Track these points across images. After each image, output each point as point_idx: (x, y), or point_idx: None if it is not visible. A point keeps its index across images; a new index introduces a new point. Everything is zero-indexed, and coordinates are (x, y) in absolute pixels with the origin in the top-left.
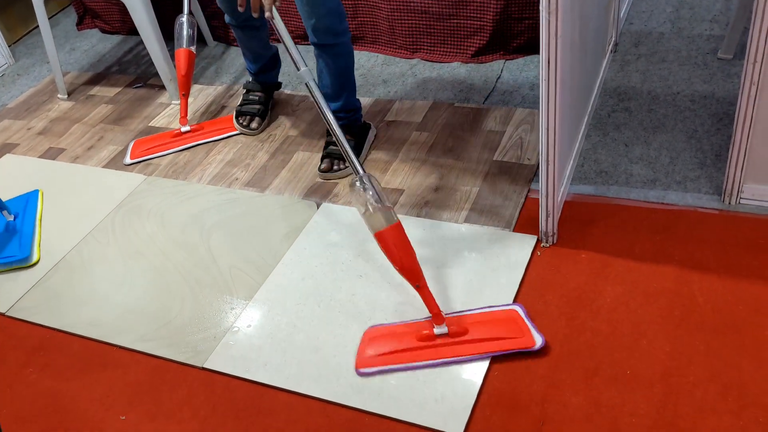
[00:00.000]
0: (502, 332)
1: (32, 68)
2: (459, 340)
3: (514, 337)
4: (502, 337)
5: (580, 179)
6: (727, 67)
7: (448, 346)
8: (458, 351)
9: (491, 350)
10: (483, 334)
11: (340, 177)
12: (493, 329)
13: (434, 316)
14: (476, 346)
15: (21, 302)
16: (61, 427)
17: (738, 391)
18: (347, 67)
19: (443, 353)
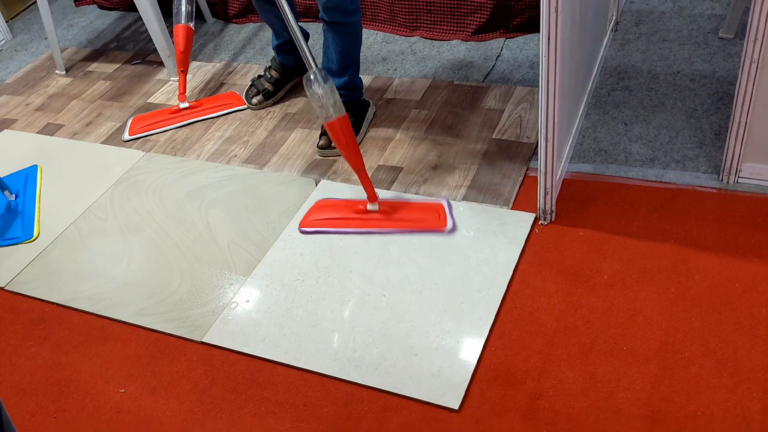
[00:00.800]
0: (422, 216)
1: (30, 44)
2: (385, 217)
3: (431, 220)
4: (421, 220)
5: (579, 157)
6: (728, 47)
7: (375, 221)
8: (382, 224)
9: (408, 227)
10: (406, 216)
11: (339, 154)
12: (416, 214)
13: (369, 196)
14: (397, 222)
15: (20, 276)
16: (60, 399)
17: (733, 366)
18: (354, 46)
19: (370, 224)
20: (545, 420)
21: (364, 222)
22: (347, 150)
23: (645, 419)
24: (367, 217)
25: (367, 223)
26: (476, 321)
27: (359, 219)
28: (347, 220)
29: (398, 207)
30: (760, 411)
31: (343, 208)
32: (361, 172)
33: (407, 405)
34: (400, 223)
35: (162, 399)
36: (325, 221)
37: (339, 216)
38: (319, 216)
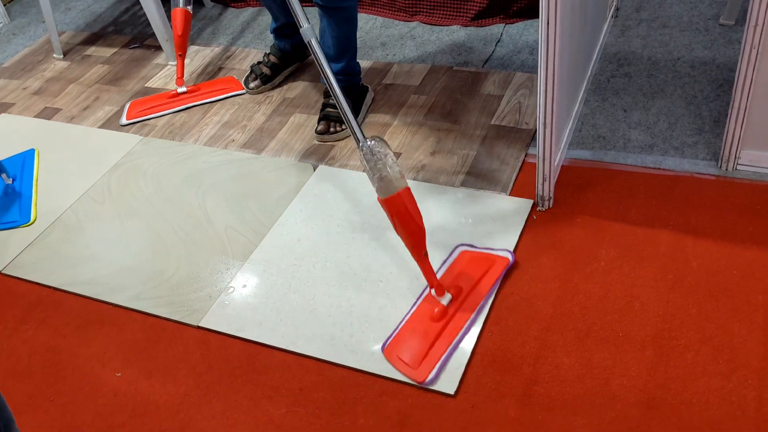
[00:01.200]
0: (481, 269)
1: (27, 27)
2: (462, 297)
3: (490, 267)
4: (485, 273)
5: (577, 144)
6: (729, 33)
7: (460, 309)
8: (470, 307)
9: (489, 288)
10: (472, 280)
11: (337, 139)
12: (473, 271)
13: (436, 289)
14: (477, 293)
15: (17, 260)
16: (57, 382)
17: (729, 353)
18: (351, 31)
19: (463, 318)
20: (541, 405)
21: (457, 321)
22: (411, 228)
23: (640, 405)
24: (451, 313)
25: (460, 319)
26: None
27: (450, 322)
28: (443, 335)
29: (454, 278)
30: (755, 398)
31: (423, 325)
32: (425, 259)
33: (403, 390)
34: (481, 290)
35: (159, 383)
36: (429, 353)
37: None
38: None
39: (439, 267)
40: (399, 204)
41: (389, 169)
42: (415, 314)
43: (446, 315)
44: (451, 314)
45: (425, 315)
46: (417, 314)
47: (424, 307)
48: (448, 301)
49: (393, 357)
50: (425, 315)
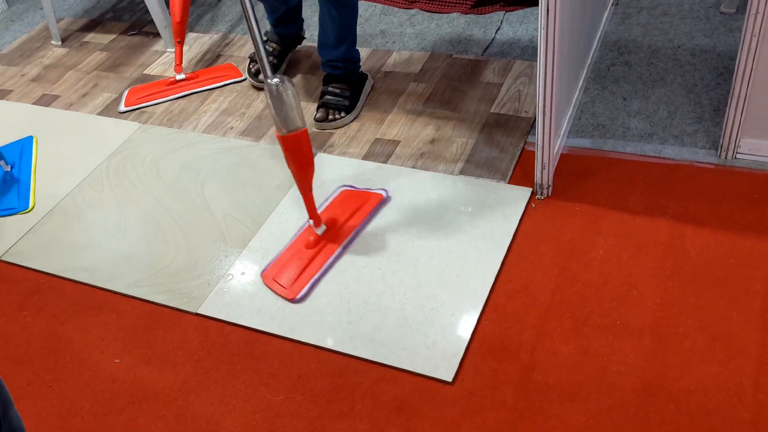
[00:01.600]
0: (356, 205)
1: (25, 14)
2: (336, 228)
3: (365, 202)
4: (359, 207)
5: (577, 132)
6: (730, 22)
7: (333, 238)
8: (342, 236)
9: (361, 220)
10: (346, 213)
11: (336, 127)
12: (350, 206)
13: (314, 220)
14: (350, 224)
15: (16, 247)
16: (56, 369)
17: (726, 341)
18: (351, 18)
19: (334, 246)
20: (538, 393)
21: (329, 248)
22: (302, 165)
23: (638, 393)
24: (324, 242)
25: (332, 247)
26: (471, 294)
27: (323, 249)
28: (316, 259)
29: (332, 213)
30: (752, 385)
31: (298, 253)
32: (308, 194)
33: (401, 377)
34: (353, 222)
35: (157, 369)
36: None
37: (305, 261)
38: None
39: (322, 203)
40: (295, 143)
41: (291, 111)
42: (293, 244)
43: (320, 243)
44: (325, 243)
45: (302, 244)
46: (295, 244)
47: (302, 237)
48: (322, 231)
49: (269, 280)
50: (302, 244)
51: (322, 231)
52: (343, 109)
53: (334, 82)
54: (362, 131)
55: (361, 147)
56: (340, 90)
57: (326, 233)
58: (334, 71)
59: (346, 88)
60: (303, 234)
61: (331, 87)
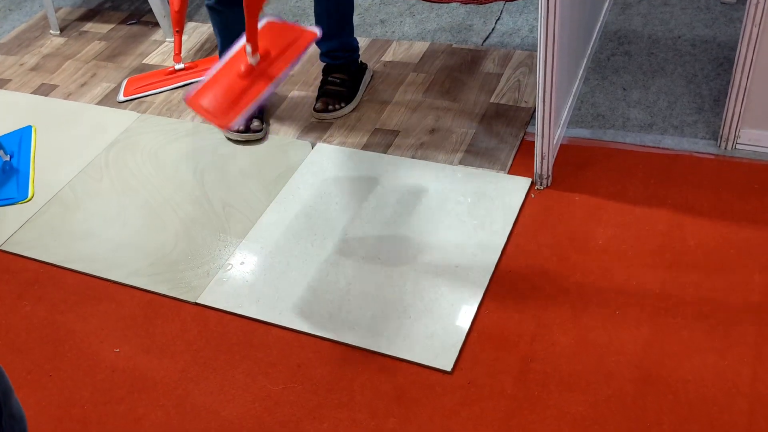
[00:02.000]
0: (289, 39)
1: (24, 3)
2: (269, 61)
3: (298, 38)
4: (292, 43)
5: (576, 122)
6: (730, 12)
7: (266, 71)
8: (275, 71)
9: (295, 57)
10: (279, 47)
11: (335, 117)
12: (283, 40)
13: (252, 45)
14: (284, 59)
15: (15, 237)
16: (55, 358)
17: (724, 331)
18: (346, 6)
19: (267, 79)
20: (537, 382)
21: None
22: None
23: (636, 382)
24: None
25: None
26: (470, 284)
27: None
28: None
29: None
30: (749, 375)
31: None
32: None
33: (400, 366)
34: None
35: (156, 359)
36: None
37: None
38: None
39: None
40: None
41: None
42: (222, 69)
43: (252, 73)
44: (257, 74)
45: (232, 71)
46: (224, 69)
47: (232, 64)
48: (256, 61)
49: (196, 105)
50: (232, 71)
51: (256, 60)
52: (343, 99)
53: (334, 72)
54: (362, 121)
55: (361, 137)
56: (339, 80)
57: (258, 64)
58: (333, 61)
59: (346, 78)
60: (232, 61)
61: (331, 77)
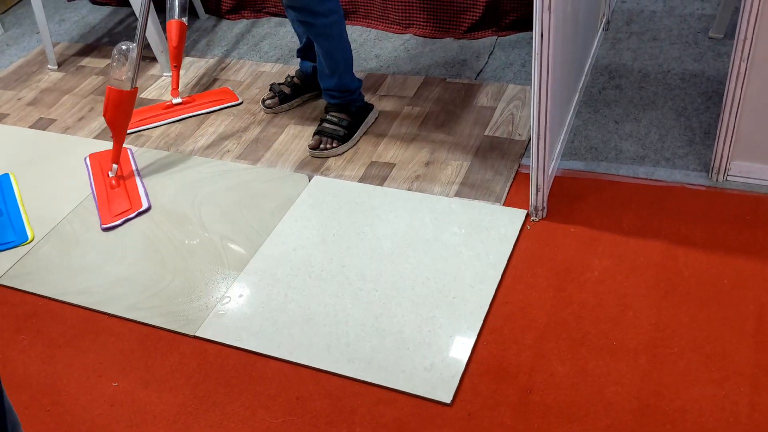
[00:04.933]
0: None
1: (22, 38)
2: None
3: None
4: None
5: (570, 155)
6: (718, 47)
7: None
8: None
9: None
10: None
11: (327, 156)
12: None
13: (118, 163)
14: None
15: (13, 270)
16: (53, 392)
17: (721, 361)
18: (334, 48)
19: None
20: (536, 414)
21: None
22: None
23: (634, 413)
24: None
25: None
26: (468, 316)
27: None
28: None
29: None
30: (747, 405)
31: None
32: (116, 144)
33: (399, 399)
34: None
35: (155, 393)
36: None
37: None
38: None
39: None
40: (113, 96)
41: (124, 73)
42: (98, 190)
43: (119, 181)
44: (121, 180)
45: (105, 187)
46: (99, 189)
47: (98, 182)
48: (115, 171)
49: (115, 218)
50: (105, 187)
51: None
52: (337, 138)
53: (333, 111)
54: (358, 154)
55: (357, 169)
56: (337, 119)
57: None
58: (331, 100)
59: (345, 117)
60: (97, 181)
61: (330, 115)
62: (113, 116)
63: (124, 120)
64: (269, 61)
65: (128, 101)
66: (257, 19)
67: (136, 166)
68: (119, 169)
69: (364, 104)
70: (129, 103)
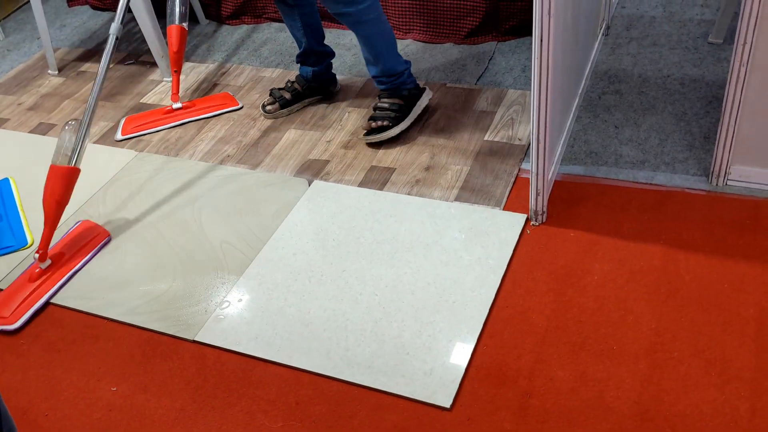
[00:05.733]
0: (84, 240)
1: (22, 44)
2: (63, 262)
3: (94, 237)
4: (89, 242)
5: (570, 159)
6: (717, 52)
7: (57, 271)
8: (65, 270)
9: (82, 259)
10: (75, 248)
11: (381, 139)
12: (81, 240)
13: (40, 255)
14: (75, 258)
15: (12, 275)
16: (52, 397)
17: (721, 366)
18: (376, 34)
19: (56, 279)
20: (536, 418)
21: (49, 283)
22: (50, 200)
23: (635, 418)
24: (48, 276)
25: (50, 282)
26: (468, 320)
27: (42, 284)
28: (34, 292)
29: (62, 247)
30: (747, 409)
31: (24, 285)
32: (46, 228)
33: (399, 403)
34: (76, 260)
35: (154, 397)
36: (17, 308)
37: (24, 296)
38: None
39: (62, 236)
40: (52, 175)
41: (63, 149)
42: (18, 279)
43: (43, 275)
44: (49, 275)
45: (26, 277)
46: (20, 279)
47: (28, 270)
48: (47, 265)
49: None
50: (26, 277)
51: (47, 265)
52: (389, 120)
53: (384, 97)
54: (358, 158)
55: (357, 174)
56: (388, 104)
57: (50, 267)
58: (380, 86)
59: (396, 101)
60: (30, 269)
61: (381, 101)
62: (49, 195)
63: (60, 201)
64: (269, 67)
65: (65, 179)
66: (257, 24)
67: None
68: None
69: (416, 87)
70: (65, 181)
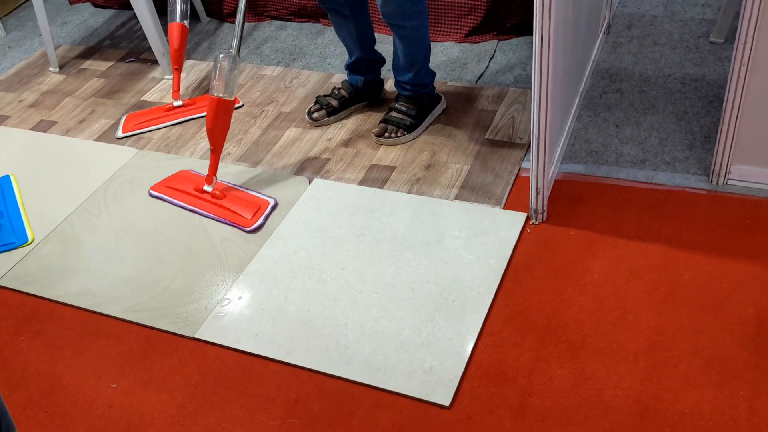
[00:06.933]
0: (242, 209)
1: (23, 41)
2: (213, 200)
3: (245, 215)
4: (237, 213)
5: (570, 158)
6: (719, 51)
7: (204, 201)
8: (207, 208)
9: (222, 216)
10: (229, 205)
11: (392, 144)
12: (239, 205)
13: (207, 177)
14: (219, 209)
15: (12, 272)
16: (52, 394)
17: (720, 365)
18: (417, 50)
19: (200, 205)
20: (535, 417)
21: (196, 201)
22: (214, 129)
23: (634, 416)
24: (201, 196)
25: (199, 204)
26: (467, 319)
27: (196, 197)
28: (188, 196)
29: (227, 194)
30: (746, 409)
31: (190, 182)
32: (214, 153)
33: (398, 401)
34: (221, 211)
35: (154, 394)
36: (172, 191)
37: (184, 189)
38: (172, 185)
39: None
40: (215, 106)
41: (227, 83)
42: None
43: (199, 193)
44: (200, 197)
45: (196, 181)
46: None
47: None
48: (207, 189)
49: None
50: (196, 181)
51: (207, 190)
52: (404, 127)
53: (403, 101)
54: (358, 157)
55: (357, 172)
56: (406, 108)
57: (205, 195)
58: (403, 92)
59: (413, 107)
60: (193, 177)
61: (399, 104)
62: (212, 126)
63: (221, 131)
64: (270, 65)
65: (224, 111)
66: (258, 22)
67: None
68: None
69: (435, 97)
70: (224, 113)
